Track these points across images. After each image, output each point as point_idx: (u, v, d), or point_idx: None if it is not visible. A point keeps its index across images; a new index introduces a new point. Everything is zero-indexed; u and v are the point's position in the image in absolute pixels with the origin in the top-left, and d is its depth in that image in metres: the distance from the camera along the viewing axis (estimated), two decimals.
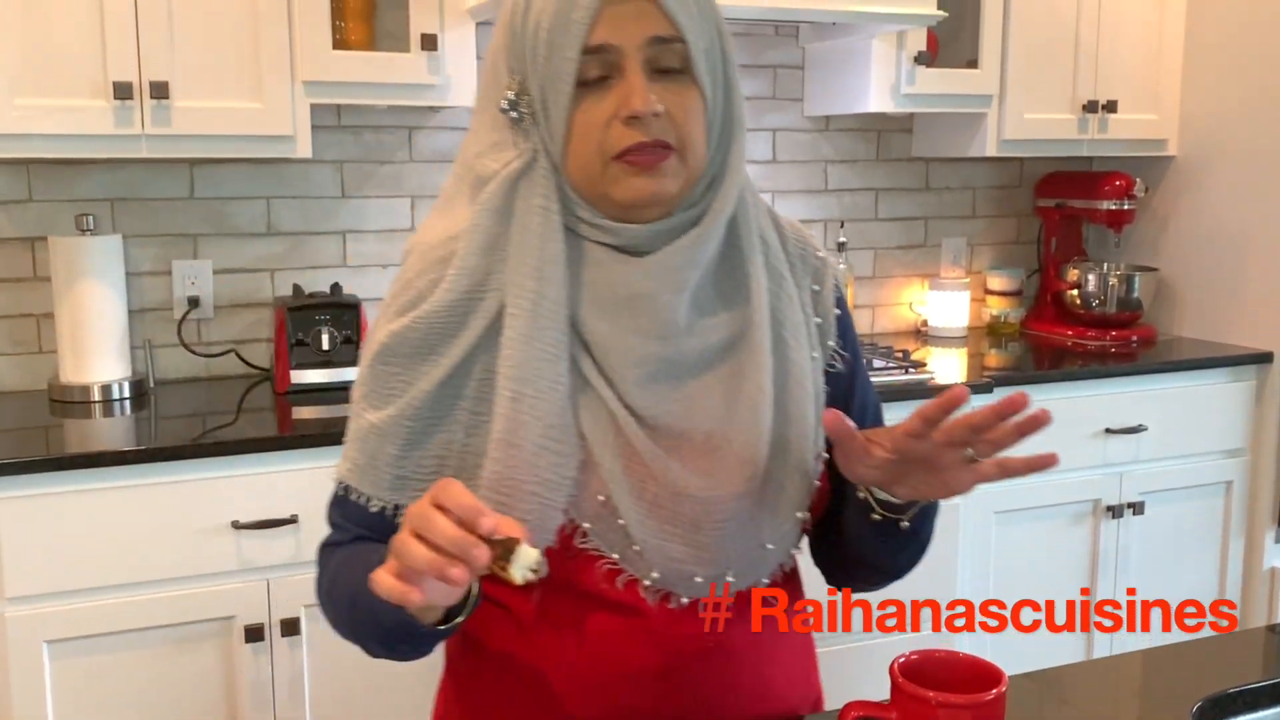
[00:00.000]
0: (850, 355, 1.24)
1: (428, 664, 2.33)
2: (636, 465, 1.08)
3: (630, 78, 1.04)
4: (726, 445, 1.10)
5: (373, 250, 2.86)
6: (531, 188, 1.09)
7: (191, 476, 2.14)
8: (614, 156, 1.05)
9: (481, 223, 1.09)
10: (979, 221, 3.55)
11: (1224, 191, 3.23)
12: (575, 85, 1.05)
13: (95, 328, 2.48)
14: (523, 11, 1.08)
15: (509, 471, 1.05)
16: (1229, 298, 3.23)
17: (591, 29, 1.03)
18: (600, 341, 1.09)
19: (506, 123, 1.10)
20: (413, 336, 1.09)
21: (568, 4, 1.04)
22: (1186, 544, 3.12)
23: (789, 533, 1.14)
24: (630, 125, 1.04)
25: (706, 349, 1.11)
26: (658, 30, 1.04)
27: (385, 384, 1.11)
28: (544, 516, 1.05)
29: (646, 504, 1.08)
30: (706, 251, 1.10)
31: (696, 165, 1.09)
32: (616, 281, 1.09)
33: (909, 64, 2.92)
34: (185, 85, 2.33)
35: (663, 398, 1.09)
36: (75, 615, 2.10)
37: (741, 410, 1.10)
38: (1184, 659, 1.37)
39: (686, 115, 1.06)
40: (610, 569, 1.09)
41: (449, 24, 2.50)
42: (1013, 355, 3.17)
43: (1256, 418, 3.14)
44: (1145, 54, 3.24)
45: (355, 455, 1.12)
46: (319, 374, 2.58)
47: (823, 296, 1.22)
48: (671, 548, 1.08)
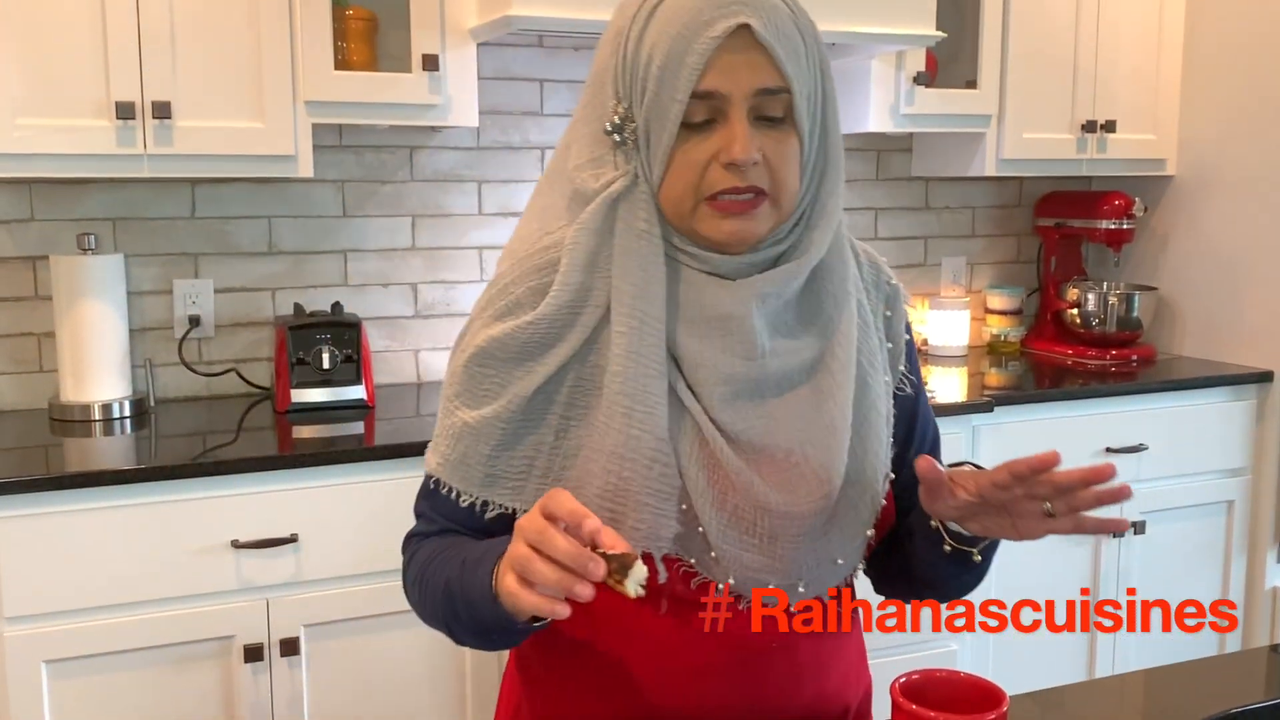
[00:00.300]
0: (915, 380, 1.30)
1: (430, 680, 2.31)
2: (719, 477, 1.13)
3: (734, 125, 1.08)
4: (805, 463, 1.14)
5: (373, 269, 2.87)
6: (633, 210, 1.13)
7: (191, 495, 2.14)
8: (707, 197, 1.10)
9: (582, 241, 1.13)
10: (978, 241, 3.55)
11: (1223, 210, 3.23)
12: (680, 125, 1.08)
13: (96, 347, 2.48)
14: (635, 39, 1.11)
15: (623, 484, 1.10)
16: (1229, 317, 3.23)
17: (703, 74, 1.06)
18: (690, 358, 1.13)
19: (609, 143, 1.14)
20: (512, 344, 1.14)
21: (682, 45, 1.07)
22: (1188, 563, 3.11)
23: (858, 549, 1.19)
24: (729, 170, 1.08)
25: (789, 370, 1.15)
26: (767, 82, 1.08)
27: (480, 385, 1.16)
28: (657, 525, 1.11)
29: (727, 515, 1.13)
30: (794, 285, 1.15)
31: (788, 208, 1.13)
32: (707, 303, 1.13)
33: (908, 84, 2.94)
34: (187, 105, 2.34)
35: (746, 414, 1.14)
36: (74, 635, 2.09)
37: (820, 430, 1.15)
38: (1186, 679, 1.37)
39: (783, 162, 1.10)
40: (687, 572, 1.14)
41: (450, 45, 2.51)
42: (1013, 374, 3.17)
43: (1257, 437, 3.13)
44: (1144, 74, 3.25)
45: (447, 451, 1.17)
46: (319, 393, 2.58)
47: (894, 322, 1.28)
48: (748, 557, 1.14)
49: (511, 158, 2.95)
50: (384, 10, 2.61)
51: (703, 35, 1.06)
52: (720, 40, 1.05)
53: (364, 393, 2.61)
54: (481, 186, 2.94)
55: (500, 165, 2.95)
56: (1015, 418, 2.82)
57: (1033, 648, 2.90)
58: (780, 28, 1.07)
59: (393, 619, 2.29)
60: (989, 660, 2.86)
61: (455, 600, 1.11)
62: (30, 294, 2.60)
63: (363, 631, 2.28)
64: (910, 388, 1.28)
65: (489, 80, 2.88)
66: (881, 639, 2.04)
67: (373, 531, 2.24)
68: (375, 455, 2.26)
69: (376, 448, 2.27)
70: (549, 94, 2.96)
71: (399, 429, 2.46)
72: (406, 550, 1.25)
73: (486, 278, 2.97)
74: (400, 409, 2.65)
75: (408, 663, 2.32)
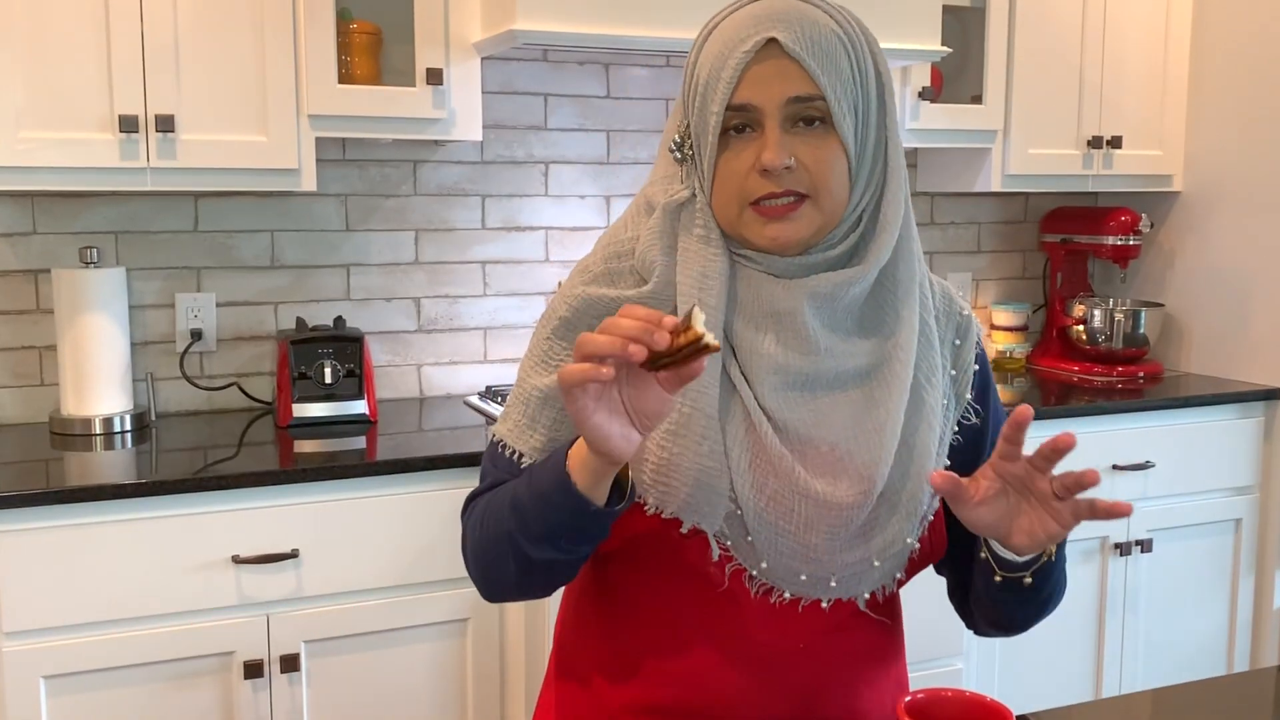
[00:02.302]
0: (989, 415, 1.30)
1: (431, 697, 2.30)
2: (762, 461, 1.16)
3: (767, 134, 1.13)
4: (849, 458, 1.16)
5: (376, 284, 2.86)
6: (691, 218, 1.19)
7: (192, 510, 2.13)
8: (750, 203, 1.14)
9: (653, 242, 1.20)
10: (984, 256, 3.54)
11: (1230, 226, 3.22)
12: (720, 135, 1.14)
13: (97, 360, 2.47)
14: (693, 62, 1.18)
15: (675, 459, 1.14)
16: (1236, 333, 3.21)
17: (736, 87, 1.12)
18: (745, 347, 1.17)
19: (675, 159, 1.21)
20: (587, 317, 1.21)
21: (720, 61, 1.13)
22: (1196, 582, 3.09)
23: (897, 554, 1.20)
24: (764, 176, 1.13)
25: (843, 371, 1.18)
26: (798, 90, 1.12)
27: (557, 356, 1.22)
28: (709, 500, 1.15)
29: (766, 498, 1.15)
30: (852, 291, 1.17)
31: (833, 209, 1.15)
32: (764, 298, 1.17)
33: (913, 99, 2.93)
34: (191, 119, 2.34)
35: (795, 404, 1.17)
36: (73, 650, 2.08)
37: (868, 430, 1.17)
38: (1193, 699, 1.35)
39: (821, 164, 1.13)
40: (723, 555, 1.17)
41: (454, 59, 2.51)
42: (1019, 391, 3.16)
43: (1265, 454, 3.12)
44: (1150, 89, 3.24)
45: (517, 417, 1.24)
46: (321, 408, 2.57)
47: (962, 351, 1.29)
48: (783, 542, 1.16)
49: (516, 172, 2.95)
50: (388, 24, 2.61)
51: (736, 52, 1.12)
52: (750, 55, 1.11)
53: (366, 408, 2.60)
54: (485, 201, 2.93)
55: (504, 180, 2.94)
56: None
57: (1039, 667, 2.89)
58: (815, 39, 1.12)
59: (394, 635, 2.27)
60: (995, 679, 2.84)
61: (524, 508, 1.13)
62: (32, 307, 2.60)
63: (364, 648, 2.27)
64: (977, 418, 1.28)
65: (493, 94, 2.87)
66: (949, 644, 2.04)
67: (374, 547, 2.23)
68: (377, 471, 2.25)
69: (378, 463, 2.26)
70: (553, 108, 2.96)
71: (401, 444, 2.45)
72: (467, 504, 1.28)
73: (490, 292, 2.96)
74: (403, 424, 2.64)
75: (409, 679, 2.31)
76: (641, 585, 1.22)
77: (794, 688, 1.20)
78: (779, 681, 1.20)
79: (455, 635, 2.34)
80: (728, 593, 1.18)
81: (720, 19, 1.17)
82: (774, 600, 1.18)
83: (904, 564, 1.22)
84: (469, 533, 1.25)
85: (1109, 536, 2.93)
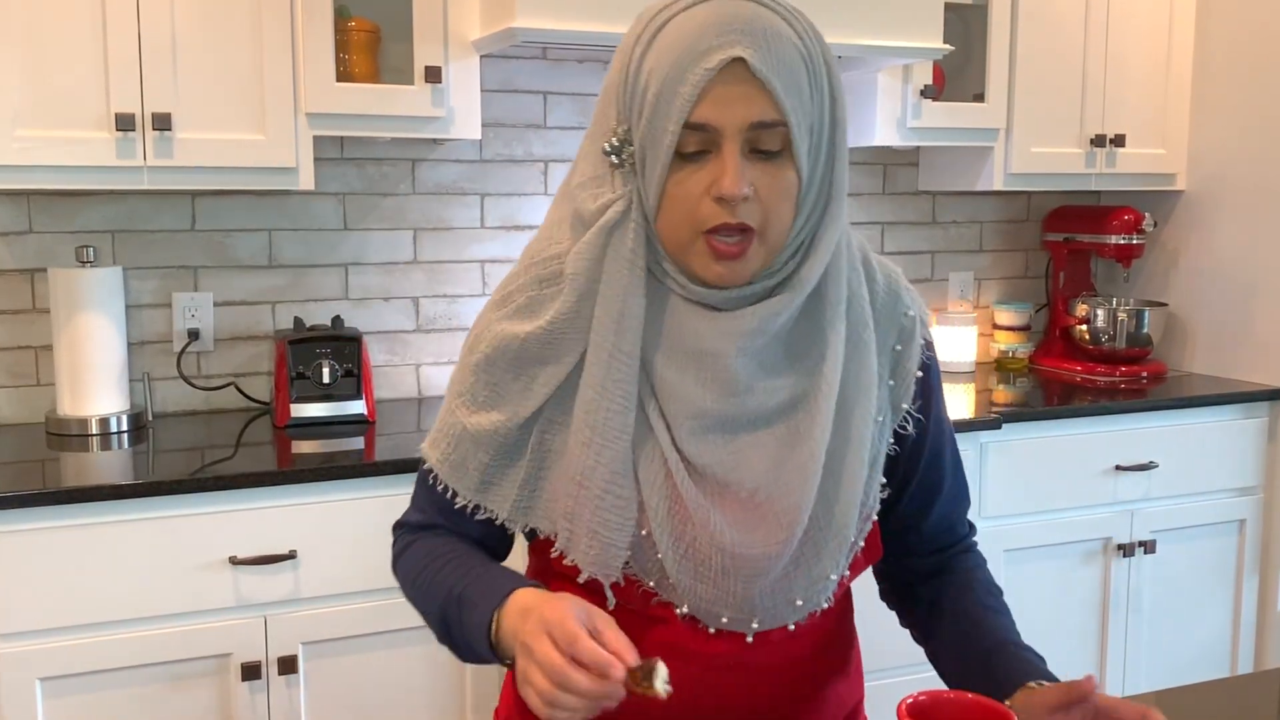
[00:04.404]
0: (929, 422, 1.26)
1: (430, 698, 2.29)
2: (679, 508, 1.13)
3: (726, 159, 1.05)
4: (768, 504, 1.12)
5: (374, 283, 2.85)
6: (623, 237, 1.11)
7: (189, 511, 2.12)
8: (704, 232, 1.08)
9: (580, 269, 1.13)
10: (986, 255, 3.53)
11: (1234, 226, 3.21)
12: (673, 155, 1.07)
13: (94, 360, 2.46)
14: (638, 60, 1.09)
15: (578, 509, 1.13)
16: (1240, 333, 3.20)
17: (695, 105, 1.04)
18: (665, 389, 1.13)
19: (609, 162, 1.13)
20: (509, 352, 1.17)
21: (677, 74, 1.04)
22: (1199, 583, 3.08)
23: (821, 589, 1.17)
24: (719, 204, 1.06)
25: (765, 408, 1.13)
26: (761, 116, 1.05)
27: (482, 390, 1.19)
28: (606, 554, 1.13)
29: (684, 546, 1.13)
30: (780, 320, 1.12)
31: (777, 244, 1.10)
32: (688, 335, 1.12)
33: (915, 97, 2.92)
34: (188, 117, 2.33)
35: (715, 449, 1.13)
36: (69, 652, 2.07)
37: (790, 472, 1.12)
38: (1197, 702, 1.34)
39: (775, 197, 1.08)
40: (647, 591, 1.16)
41: (453, 57, 2.50)
42: (1021, 391, 3.15)
43: (1269, 455, 3.10)
44: (1153, 88, 3.23)
45: (449, 451, 1.21)
46: (319, 408, 2.56)
47: (904, 358, 1.22)
48: (701, 589, 1.13)
49: (515, 171, 2.93)
50: (387, 22, 2.59)
51: (698, 66, 1.04)
52: (714, 73, 1.03)
53: (364, 408, 2.59)
54: (484, 199, 2.92)
55: (503, 178, 2.93)
56: (1024, 435, 2.79)
57: None
58: (781, 58, 1.05)
59: (392, 637, 2.26)
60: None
61: (450, 626, 1.15)
62: (28, 307, 2.59)
63: (362, 650, 2.26)
64: (914, 428, 1.23)
65: (492, 92, 2.86)
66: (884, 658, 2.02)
67: (373, 548, 2.22)
68: (376, 471, 2.24)
69: (377, 463, 2.25)
70: (553, 106, 2.95)
71: (400, 444, 2.43)
72: (398, 539, 1.29)
73: (489, 292, 2.94)
74: (401, 424, 2.62)
75: (407, 681, 2.30)
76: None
77: (733, 696, 1.19)
78: (717, 696, 1.18)
79: None
80: (659, 620, 1.17)
81: (668, 16, 1.08)
82: (700, 628, 1.16)
83: (832, 592, 1.18)
84: (399, 577, 1.27)
85: (1112, 538, 2.92)
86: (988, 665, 1.19)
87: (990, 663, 1.19)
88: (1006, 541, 2.77)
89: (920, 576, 1.33)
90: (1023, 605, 2.83)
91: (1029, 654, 1.19)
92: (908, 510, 1.28)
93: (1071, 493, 2.87)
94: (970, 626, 1.25)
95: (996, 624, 1.24)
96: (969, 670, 1.22)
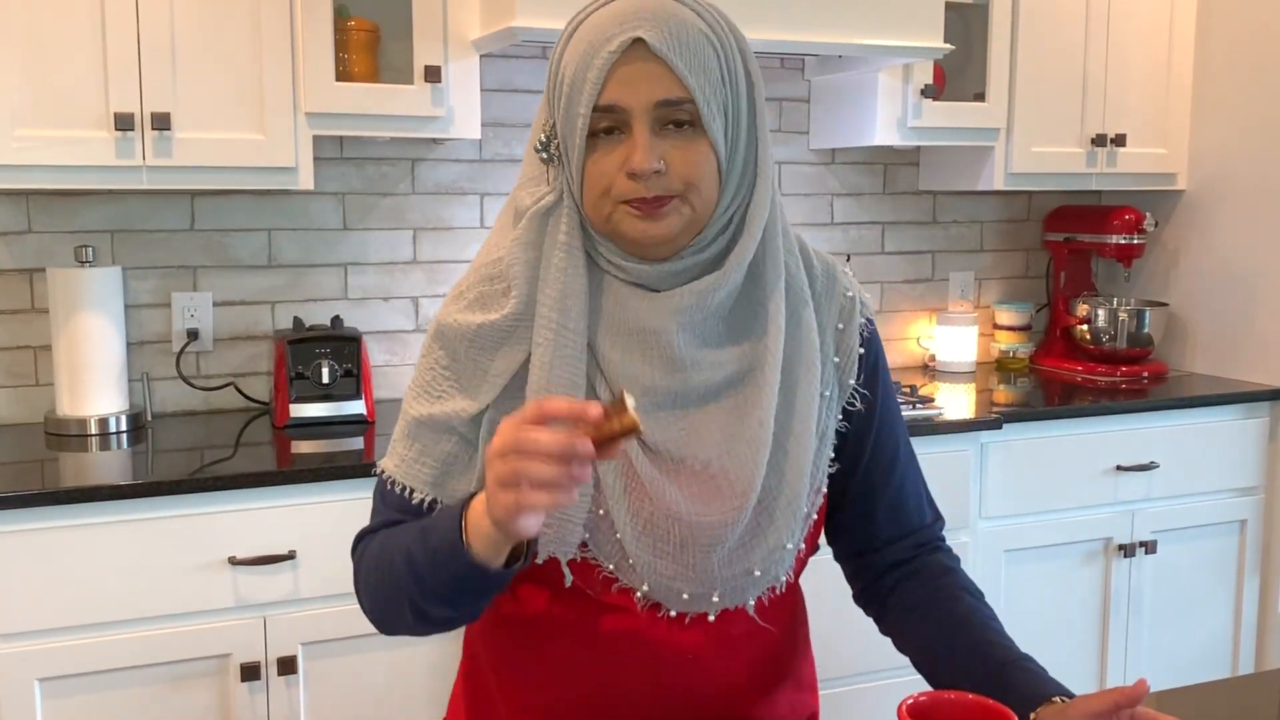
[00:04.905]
0: (877, 398, 1.29)
1: (428, 699, 2.28)
2: (635, 486, 1.15)
3: (635, 136, 1.10)
4: (722, 475, 1.15)
5: (374, 283, 2.85)
6: (557, 223, 1.16)
7: (188, 511, 2.12)
8: (621, 201, 1.12)
9: (520, 256, 1.17)
10: (987, 255, 3.53)
11: (1235, 225, 3.20)
12: (588, 136, 1.11)
13: (93, 360, 2.46)
14: (558, 56, 1.15)
15: None
16: (1241, 333, 3.20)
17: (603, 88, 1.09)
18: (612, 369, 1.16)
19: (540, 159, 1.18)
20: (462, 344, 1.19)
21: (585, 61, 1.10)
22: (1200, 583, 3.07)
23: (779, 561, 1.19)
24: (633, 179, 1.10)
25: (712, 383, 1.17)
26: (666, 93, 1.09)
27: (439, 387, 1.20)
28: (562, 530, 1.14)
29: (641, 522, 1.15)
30: (717, 297, 1.16)
31: (703, 209, 1.13)
32: (629, 315, 1.16)
33: (915, 97, 2.91)
34: (187, 116, 2.32)
35: (666, 425, 1.16)
36: (68, 652, 2.07)
37: (740, 443, 1.15)
38: (1198, 702, 1.34)
39: (690, 167, 1.11)
40: (607, 577, 1.17)
41: (453, 56, 2.50)
42: (1022, 391, 3.14)
43: (1270, 455, 3.10)
44: (1154, 87, 3.23)
45: (403, 450, 1.22)
46: (319, 408, 2.56)
47: (846, 335, 1.27)
48: (661, 564, 1.16)
49: (514, 170, 2.93)
50: (386, 21, 2.59)
51: (602, 51, 1.09)
52: (616, 55, 1.08)
53: (364, 408, 2.59)
54: (484, 199, 2.92)
55: (503, 178, 2.93)
56: (1024, 435, 2.79)
57: None
58: (682, 39, 1.09)
59: (391, 638, 2.25)
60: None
61: (418, 565, 1.12)
62: (27, 307, 2.58)
63: (361, 650, 2.25)
64: (862, 404, 1.27)
65: (492, 92, 2.86)
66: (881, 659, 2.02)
67: None
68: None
69: (377, 464, 2.24)
70: None
71: None
72: (358, 543, 1.27)
73: None
74: None
75: (406, 682, 2.29)
76: (537, 597, 1.22)
77: (689, 695, 1.21)
78: (673, 687, 1.20)
79: (453, 638, 2.32)
80: (621, 610, 1.18)
81: (585, 15, 1.14)
82: (661, 614, 1.18)
83: (790, 566, 1.21)
84: (361, 575, 1.25)
85: (1113, 538, 2.92)
86: (1002, 681, 1.18)
87: (1005, 678, 1.19)
88: (1007, 542, 2.77)
89: (891, 568, 1.33)
90: (1023, 606, 2.83)
91: (1039, 668, 1.20)
92: (864, 487, 1.30)
93: (1072, 493, 2.87)
94: (973, 643, 1.25)
95: (1001, 640, 1.24)
96: (978, 689, 1.22)
